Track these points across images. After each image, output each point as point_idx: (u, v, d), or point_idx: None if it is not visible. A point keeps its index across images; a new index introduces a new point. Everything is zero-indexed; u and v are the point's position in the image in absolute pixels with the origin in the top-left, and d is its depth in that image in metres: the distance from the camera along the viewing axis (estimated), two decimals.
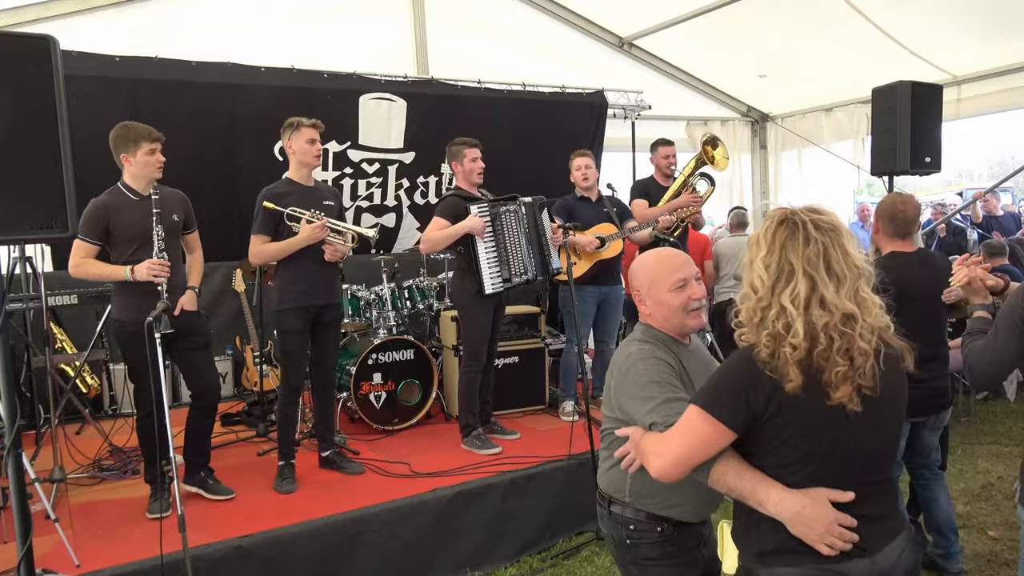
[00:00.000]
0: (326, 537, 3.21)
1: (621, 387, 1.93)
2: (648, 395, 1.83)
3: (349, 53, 6.17)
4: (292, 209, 3.70)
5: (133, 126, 3.38)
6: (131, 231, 3.35)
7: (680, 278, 1.98)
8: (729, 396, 1.59)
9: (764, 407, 1.55)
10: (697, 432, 1.61)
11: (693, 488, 1.90)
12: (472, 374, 4.27)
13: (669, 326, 2.01)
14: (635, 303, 2.07)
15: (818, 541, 1.54)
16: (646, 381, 1.86)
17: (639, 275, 2.05)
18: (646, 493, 1.96)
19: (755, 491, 1.59)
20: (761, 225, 1.67)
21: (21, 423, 2.28)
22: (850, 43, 6.82)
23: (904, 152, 4.58)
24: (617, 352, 2.04)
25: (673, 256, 2.05)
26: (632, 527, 1.99)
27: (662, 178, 5.35)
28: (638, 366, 1.90)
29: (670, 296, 1.97)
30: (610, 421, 2.01)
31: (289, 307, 3.76)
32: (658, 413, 1.78)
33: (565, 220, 4.68)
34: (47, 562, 2.84)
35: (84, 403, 4.86)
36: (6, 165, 2.13)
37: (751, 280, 1.60)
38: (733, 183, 9.23)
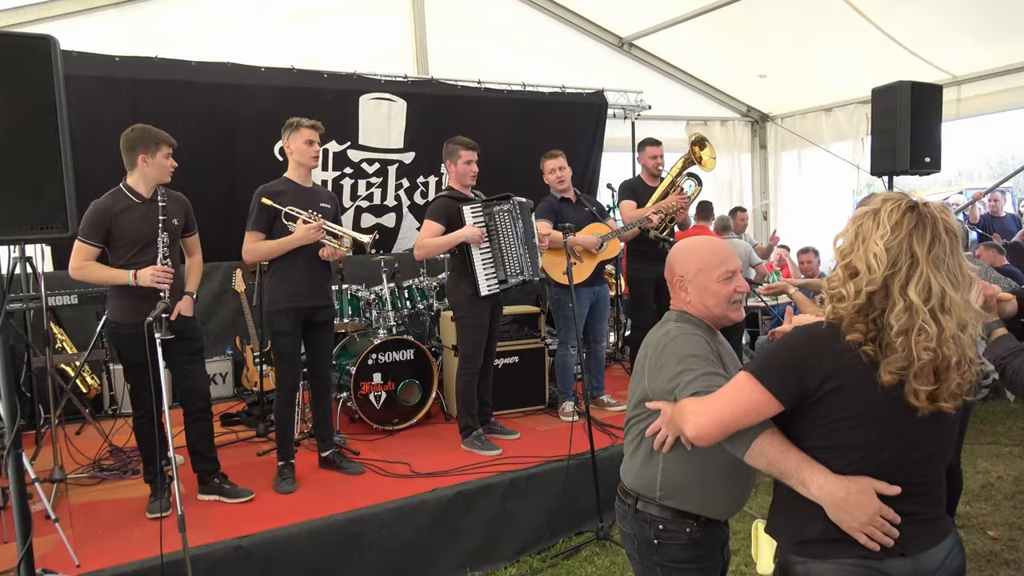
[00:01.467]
0: (326, 537, 3.21)
1: (656, 365, 1.86)
2: (688, 367, 1.78)
3: (349, 53, 6.17)
4: (290, 208, 3.69)
5: (154, 130, 3.40)
6: (133, 234, 3.34)
7: (729, 269, 1.94)
8: (784, 368, 1.55)
9: (818, 386, 1.51)
10: (744, 397, 1.56)
11: (726, 482, 1.90)
12: (469, 376, 4.26)
13: (710, 315, 1.96)
14: (673, 288, 2.00)
15: (858, 530, 1.50)
16: (686, 354, 1.81)
17: (687, 260, 1.98)
18: (678, 489, 1.90)
19: (799, 470, 1.55)
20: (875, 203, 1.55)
21: (21, 423, 2.28)
22: (850, 43, 6.83)
23: (904, 152, 4.57)
24: (650, 335, 1.98)
25: (724, 246, 2.02)
26: (661, 526, 1.91)
27: (649, 178, 5.35)
28: (677, 340, 1.86)
29: (718, 286, 1.93)
30: (638, 409, 1.95)
31: (280, 308, 3.75)
32: (698, 384, 1.73)
33: (554, 222, 4.67)
34: (47, 562, 2.84)
35: (84, 403, 4.86)
36: (6, 165, 2.13)
37: (867, 259, 1.50)
38: (733, 183, 9.24)
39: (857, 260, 1.52)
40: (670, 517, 1.90)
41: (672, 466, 1.88)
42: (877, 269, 1.49)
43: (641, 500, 1.95)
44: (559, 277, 4.73)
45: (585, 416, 3.94)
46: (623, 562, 3.55)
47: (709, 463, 1.84)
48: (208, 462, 3.63)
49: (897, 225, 1.50)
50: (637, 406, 1.95)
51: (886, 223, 1.51)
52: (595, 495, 3.75)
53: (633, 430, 1.99)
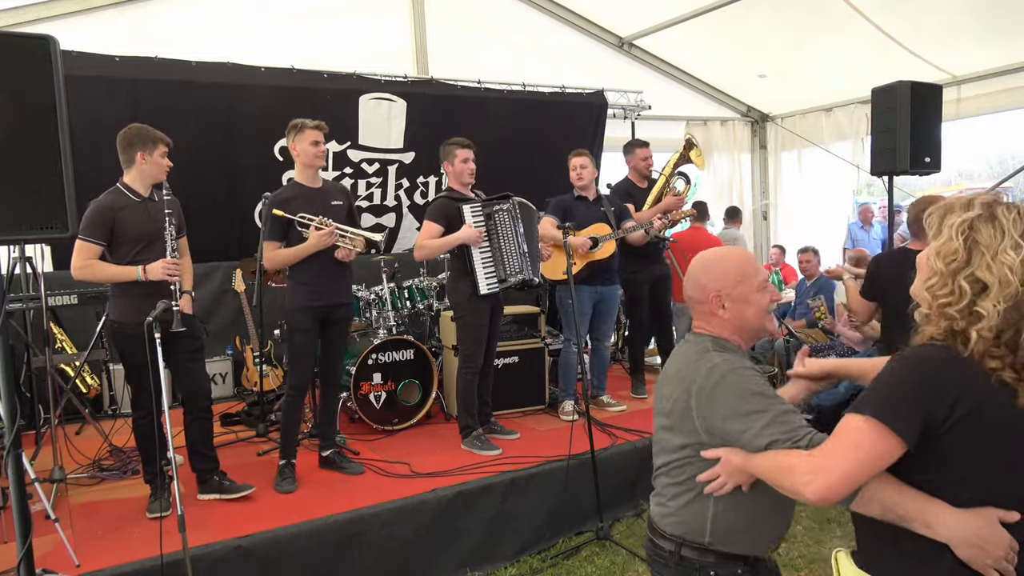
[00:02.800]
0: (326, 537, 3.21)
1: (710, 407, 1.67)
2: (756, 408, 1.60)
3: (349, 53, 6.17)
4: (301, 216, 3.71)
5: (149, 129, 3.42)
6: (135, 232, 3.35)
7: (765, 278, 1.81)
8: (906, 403, 1.38)
9: (945, 417, 1.36)
10: (868, 446, 1.38)
11: (774, 518, 1.80)
12: (469, 376, 4.27)
13: (746, 330, 1.81)
14: (708, 307, 1.81)
15: (991, 566, 1.38)
16: (746, 393, 1.63)
17: (719, 275, 1.79)
18: (730, 532, 1.74)
19: (922, 512, 1.40)
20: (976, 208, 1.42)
21: (21, 423, 2.28)
22: (850, 43, 6.82)
23: (904, 152, 4.57)
24: (688, 365, 1.77)
25: (751, 255, 1.90)
26: (712, 572, 1.75)
27: (638, 179, 5.37)
28: (730, 378, 1.66)
29: (758, 296, 1.78)
30: (684, 452, 1.75)
31: (298, 307, 3.79)
32: (776, 429, 1.56)
33: (561, 219, 4.68)
34: (47, 562, 2.84)
35: (84, 403, 4.86)
36: (6, 165, 2.13)
37: (999, 272, 1.36)
38: (733, 183, 9.24)
39: (983, 272, 1.37)
40: (719, 562, 1.75)
41: (724, 510, 1.73)
42: (1013, 282, 1.35)
43: (685, 546, 1.78)
44: (556, 275, 4.74)
45: (585, 416, 3.94)
46: (623, 562, 3.55)
47: (762, 502, 1.72)
48: (208, 461, 3.63)
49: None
50: (683, 448, 1.76)
51: (1012, 232, 1.38)
52: (595, 495, 3.75)
53: (674, 473, 1.80)
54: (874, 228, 8.69)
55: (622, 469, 4.13)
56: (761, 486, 1.65)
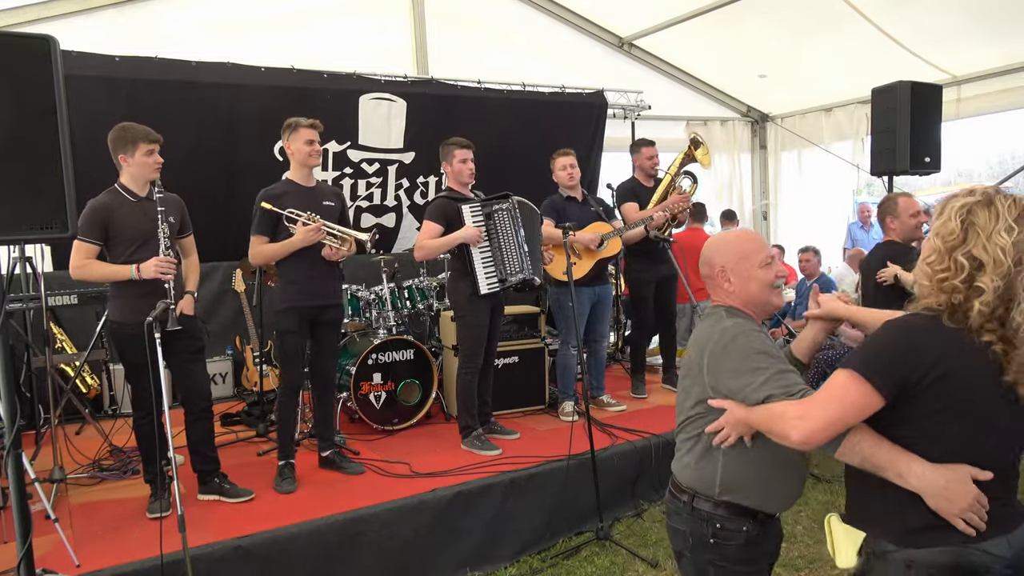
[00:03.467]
0: (326, 537, 3.21)
1: (718, 363, 1.84)
2: (758, 366, 1.76)
3: (349, 53, 6.17)
4: (289, 211, 3.70)
5: (131, 127, 3.38)
6: (129, 232, 3.35)
7: (769, 254, 1.96)
8: (887, 361, 1.55)
9: (921, 377, 1.52)
10: (850, 397, 1.55)
11: (783, 475, 1.90)
12: (469, 376, 4.26)
13: (753, 303, 1.96)
14: (715, 281, 1.99)
15: (957, 516, 1.52)
16: (752, 352, 1.80)
17: (724, 251, 1.99)
18: (738, 485, 1.88)
19: (895, 462, 1.56)
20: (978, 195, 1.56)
21: (21, 423, 2.28)
22: (850, 43, 6.83)
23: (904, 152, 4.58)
24: (701, 332, 1.96)
25: (757, 234, 2.04)
26: (718, 524, 1.89)
27: (644, 178, 5.35)
28: (739, 339, 1.83)
29: (760, 272, 1.94)
30: (697, 409, 1.92)
31: (286, 307, 3.77)
32: (774, 384, 1.72)
33: (556, 220, 4.67)
34: (47, 562, 2.84)
35: (84, 403, 4.86)
36: (6, 165, 2.13)
37: (993, 252, 1.50)
38: (733, 183, 9.24)
39: (979, 251, 1.51)
40: (727, 515, 1.89)
41: (732, 462, 1.87)
42: (1005, 262, 1.49)
43: (697, 497, 1.93)
44: (559, 276, 4.73)
45: (585, 416, 3.94)
46: (623, 562, 3.55)
47: (769, 457, 1.84)
48: (208, 462, 3.63)
49: (1020, 219, 1.52)
50: (696, 405, 1.93)
51: (1007, 217, 1.52)
52: (595, 495, 3.75)
53: (689, 428, 1.97)
54: (874, 228, 8.68)
55: (622, 469, 4.13)
56: (767, 441, 1.76)
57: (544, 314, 5.50)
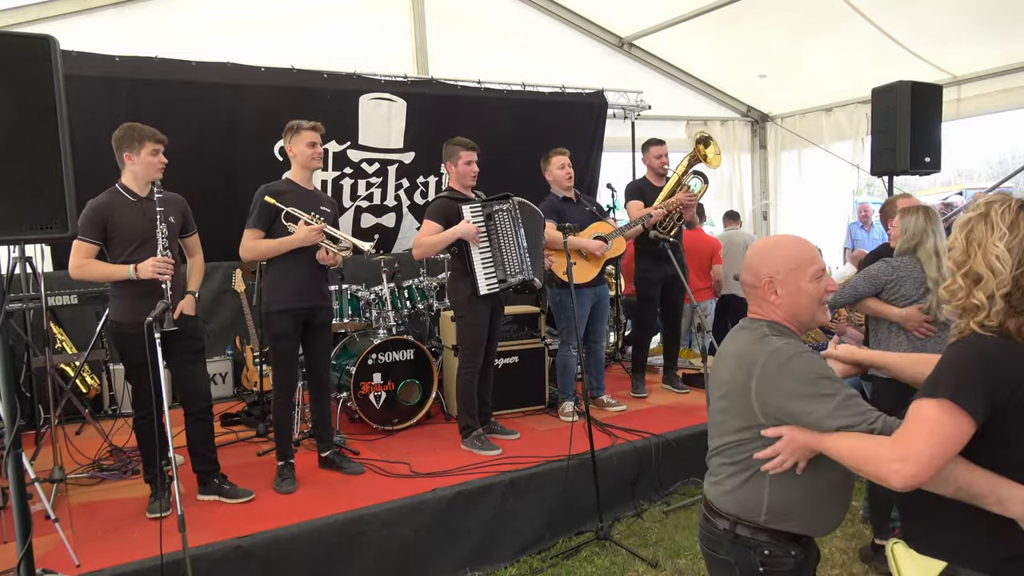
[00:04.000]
0: (326, 537, 3.21)
1: (774, 387, 1.71)
2: (823, 392, 1.64)
3: (349, 53, 6.17)
4: (291, 208, 3.69)
5: (138, 126, 3.40)
6: (129, 232, 3.35)
7: (821, 267, 1.82)
8: (974, 385, 1.46)
9: (1008, 398, 1.46)
10: (947, 428, 1.45)
11: (833, 500, 1.82)
12: (469, 376, 4.26)
13: (798, 319, 1.83)
14: (760, 292, 1.84)
15: None
16: (814, 376, 1.67)
17: (774, 260, 1.82)
18: (785, 510, 1.77)
19: (995, 489, 1.49)
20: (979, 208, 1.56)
21: (21, 423, 2.28)
22: (850, 43, 6.82)
23: (904, 152, 4.58)
24: (748, 349, 1.80)
25: (808, 242, 1.88)
26: (767, 551, 1.78)
27: (655, 178, 5.35)
28: (795, 361, 1.69)
29: (811, 285, 1.79)
30: (743, 434, 1.79)
31: (278, 309, 3.75)
32: (848, 412, 1.61)
33: (556, 222, 4.67)
34: (47, 562, 2.84)
35: (84, 403, 4.86)
36: (6, 165, 2.13)
37: (988, 263, 1.51)
38: (733, 183, 9.24)
39: (977, 266, 1.53)
40: (774, 541, 1.79)
41: (781, 488, 1.76)
42: (1003, 271, 1.50)
43: (740, 525, 1.82)
44: (563, 276, 4.72)
45: (585, 416, 3.94)
46: (623, 562, 3.55)
47: (820, 482, 1.76)
48: (208, 463, 3.63)
49: (1014, 224, 1.51)
50: (741, 431, 1.80)
51: (1000, 224, 1.52)
52: (595, 495, 3.75)
53: (730, 453, 1.84)
54: (875, 228, 8.68)
55: (622, 469, 4.14)
56: (817, 466, 1.70)
57: (544, 314, 5.50)
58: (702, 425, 4.23)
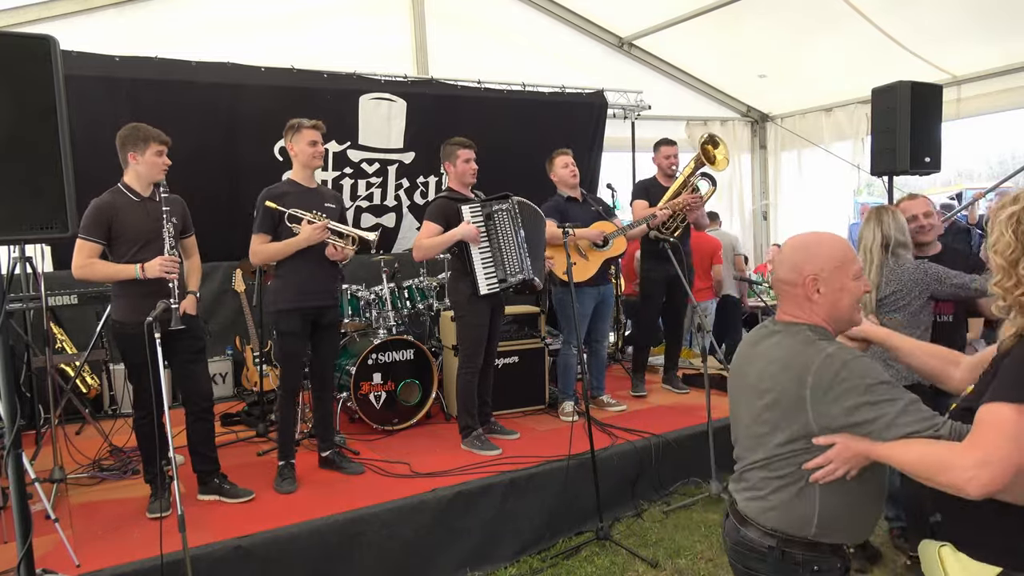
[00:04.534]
0: (326, 537, 3.21)
1: (832, 395, 1.62)
2: (884, 398, 1.57)
3: (349, 53, 6.17)
4: (294, 210, 3.70)
5: (144, 126, 3.41)
6: (133, 232, 3.35)
7: (860, 267, 1.78)
8: None
9: None
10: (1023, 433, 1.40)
11: (874, 506, 1.79)
12: (469, 376, 4.26)
13: (838, 319, 1.77)
14: (804, 291, 1.76)
15: None
16: (875, 383, 1.59)
17: (817, 257, 1.74)
18: (834, 521, 1.72)
19: None
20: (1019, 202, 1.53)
21: (21, 423, 2.28)
22: (850, 43, 6.82)
23: (904, 152, 4.57)
24: (795, 356, 1.71)
25: (845, 240, 1.82)
26: (816, 567, 1.72)
27: (664, 178, 5.35)
28: (851, 366, 1.61)
29: (853, 284, 1.75)
30: (791, 443, 1.71)
31: (287, 308, 3.76)
32: (913, 418, 1.55)
33: (559, 221, 4.67)
34: (47, 562, 2.84)
35: (84, 403, 4.86)
36: (6, 165, 2.13)
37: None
38: (733, 183, 9.24)
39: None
40: (821, 556, 1.73)
41: (831, 499, 1.70)
42: None
43: (792, 543, 1.74)
44: (563, 275, 4.72)
45: (585, 416, 3.94)
46: (623, 562, 3.55)
47: (865, 489, 1.72)
48: (208, 462, 3.63)
49: None
50: (789, 443, 1.71)
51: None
52: (595, 495, 3.75)
53: (776, 467, 1.75)
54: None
55: (622, 469, 4.14)
56: (867, 473, 1.65)
57: (544, 314, 5.51)
58: (702, 425, 4.23)
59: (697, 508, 4.11)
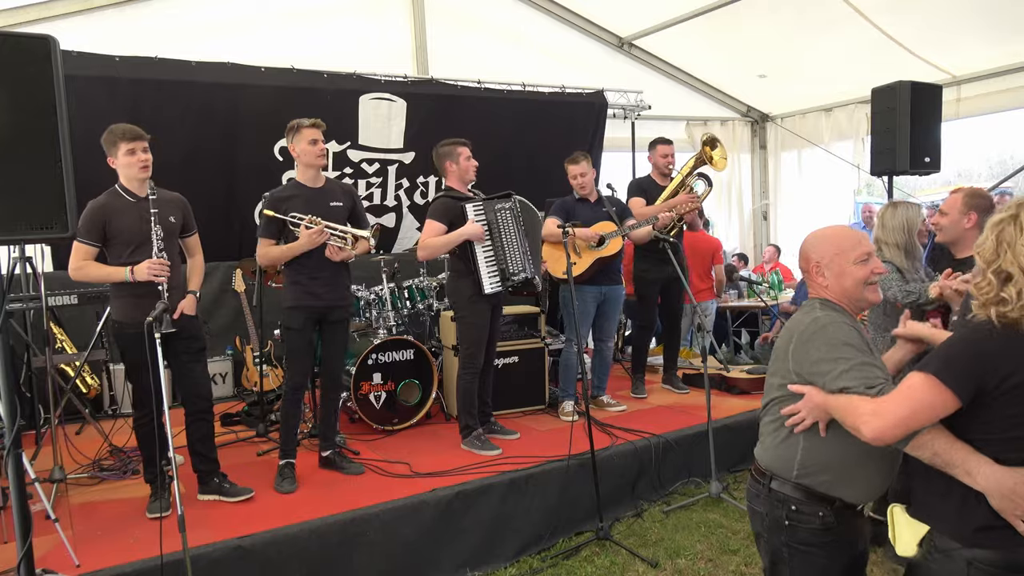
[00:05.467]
0: (326, 537, 3.21)
1: (804, 350, 1.91)
2: (841, 356, 1.83)
3: (349, 53, 6.17)
4: (292, 215, 3.71)
5: (114, 128, 3.35)
6: (127, 233, 3.35)
7: (865, 251, 1.99)
8: (964, 367, 1.61)
9: (998, 383, 1.58)
10: (924, 398, 1.62)
11: (867, 467, 1.92)
12: (469, 376, 4.26)
13: (847, 299, 2.00)
14: (810, 275, 2.06)
15: (1020, 517, 1.58)
16: (838, 343, 1.86)
17: (820, 246, 2.04)
18: (817, 468, 1.93)
19: (965, 461, 1.62)
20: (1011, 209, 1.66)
21: (21, 423, 2.28)
22: (850, 43, 6.83)
23: (904, 152, 4.57)
24: (794, 321, 2.01)
25: (854, 231, 2.07)
26: (794, 507, 1.95)
27: (659, 177, 5.35)
28: (828, 329, 1.89)
29: (854, 268, 1.97)
30: (781, 391, 1.99)
31: (291, 306, 3.79)
32: (855, 375, 1.79)
33: (564, 220, 4.67)
34: (47, 562, 2.84)
35: (84, 403, 4.86)
36: (6, 165, 2.13)
37: (1018, 262, 1.61)
38: (732, 183, 9.24)
39: (1007, 264, 1.63)
40: (804, 498, 1.93)
41: (814, 447, 1.92)
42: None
43: (776, 479, 1.99)
44: (559, 275, 4.73)
45: (585, 416, 3.94)
46: (623, 562, 3.55)
47: (853, 446, 1.85)
48: (208, 463, 3.63)
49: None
50: (780, 388, 1.99)
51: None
52: (595, 495, 3.75)
53: (772, 410, 2.04)
54: None
55: (622, 469, 4.14)
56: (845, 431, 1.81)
57: (544, 314, 5.51)
58: (702, 425, 4.24)
59: (697, 508, 4.11)
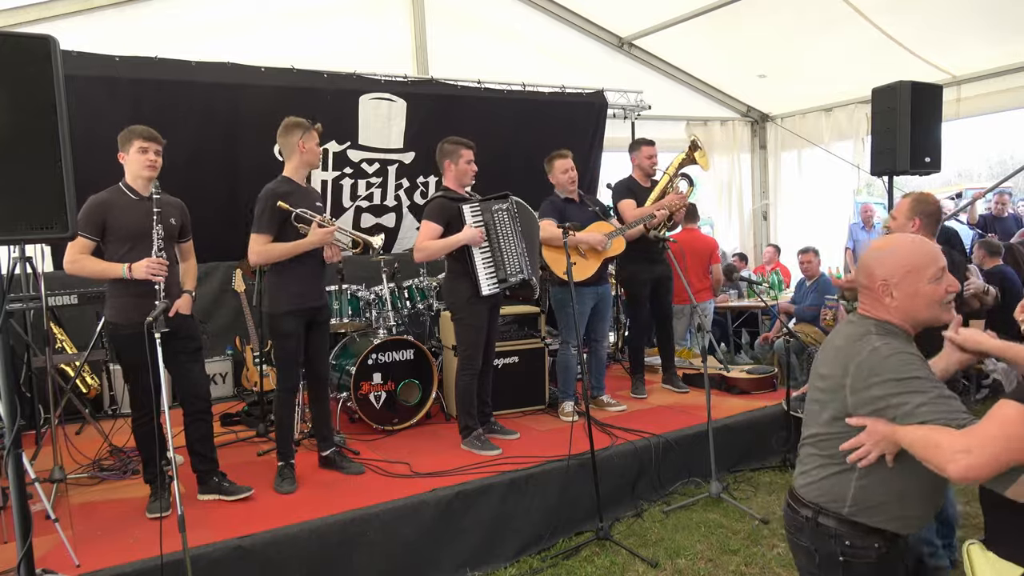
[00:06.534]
0: (326, 537, 3.21)
1: (866, 383, 1.71)
2: (915, 389, 1.64)
3: (349, 53, 6.17)
4: (302, 210, 3.69)
5: (136, 127, 3.41)
6: (126, 231, 3.35)
7: (940, 267, 1.77)
8: None
9: None
10: (1018, 433, 1.45)
11: (923, 500, 1.80)
12: (468, 377, 4.26)
13: (917, 319, 1.80)
14: (875, 293, 1.82)
15: None
16: (908, 376, 1.66)
17: (889, 262, 1.79)
18: (872, 503, 1.77)
19: None
20: None
21: (21, 423, 2.28)
22: (850, 43, 6.83)
23: (904, 152, 4.57)
24: (848, 345, 1.80)
25: (927, 242, 1.83)
26: (848, 542, 1.79)
27: (642, 177, 5.36)
28: (892, 360, 1.69)
29: (930, 287, 1.76)
30: (833, 423, 1.81)
31: (286, 310, 3.74)
32: (935, 408, 1.59)
33: (558, 221, 4.67)
34: (47, 562, 2.84)
35: (84, 403, 4.86)
36: (6, 165, 2.12)
37: None
38: (733, 183, 9.25)
39: None
40: (856, 532, 1.79)
41: (870, 483, 1.76)
42: None
43: (825, 514, 1.83)
44: (562, 275, 4.72)
45: (585, 416, 3.94)
46: (623, 562, 3.55)
47: (912, 481, 1.74)
48: (207, 462, 3.63)
49: None
50: (832, 423, 1.81)
51: None
52: (595, 495, 3.75)
53: (820, 445, 1.86)
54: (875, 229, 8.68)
55: (622, 469, 4.14)
56: (908, 462, 1.67)
57: (544, 314, 5.51)
58: (702, 425, 4.24)
59: (697, 508, 4.11)
